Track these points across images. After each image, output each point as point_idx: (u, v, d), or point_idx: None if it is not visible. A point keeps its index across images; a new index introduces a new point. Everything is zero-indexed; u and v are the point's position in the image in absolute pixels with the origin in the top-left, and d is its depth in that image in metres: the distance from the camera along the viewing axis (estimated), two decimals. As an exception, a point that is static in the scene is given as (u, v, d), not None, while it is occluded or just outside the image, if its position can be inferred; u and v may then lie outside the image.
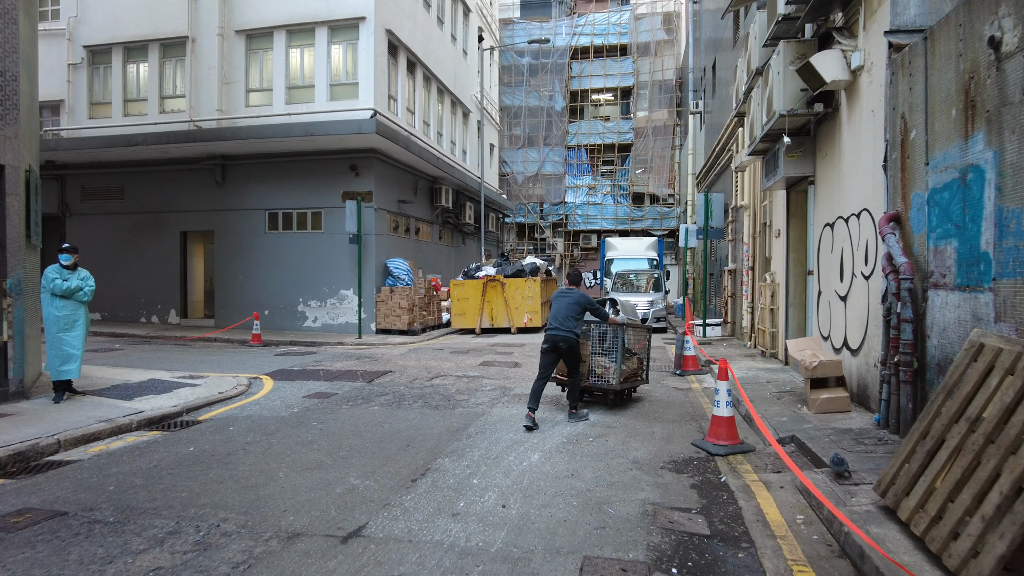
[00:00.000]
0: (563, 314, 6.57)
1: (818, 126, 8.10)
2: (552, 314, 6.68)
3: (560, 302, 6.69)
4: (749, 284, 12.27)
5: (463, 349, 13.10)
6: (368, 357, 11.85)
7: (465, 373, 9.78)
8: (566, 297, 6.73)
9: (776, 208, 10.45)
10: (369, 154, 16.07)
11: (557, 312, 6.62)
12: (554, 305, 6.72)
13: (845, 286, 6.97)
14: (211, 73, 16.90)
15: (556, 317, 6.60)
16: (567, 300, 6.68)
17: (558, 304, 6.67)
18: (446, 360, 11.31)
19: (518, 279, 16.98)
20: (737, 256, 14.46)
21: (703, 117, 22.24)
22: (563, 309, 6.60)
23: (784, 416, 6.38)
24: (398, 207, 17.70)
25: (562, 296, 6.77)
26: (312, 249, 16.66)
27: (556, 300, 6.75)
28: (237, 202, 17.15)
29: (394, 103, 17.63)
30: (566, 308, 6.60)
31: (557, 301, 6.72)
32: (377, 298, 16.17)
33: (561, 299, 6.72)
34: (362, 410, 7.17)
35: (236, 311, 16.96)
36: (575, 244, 33.38)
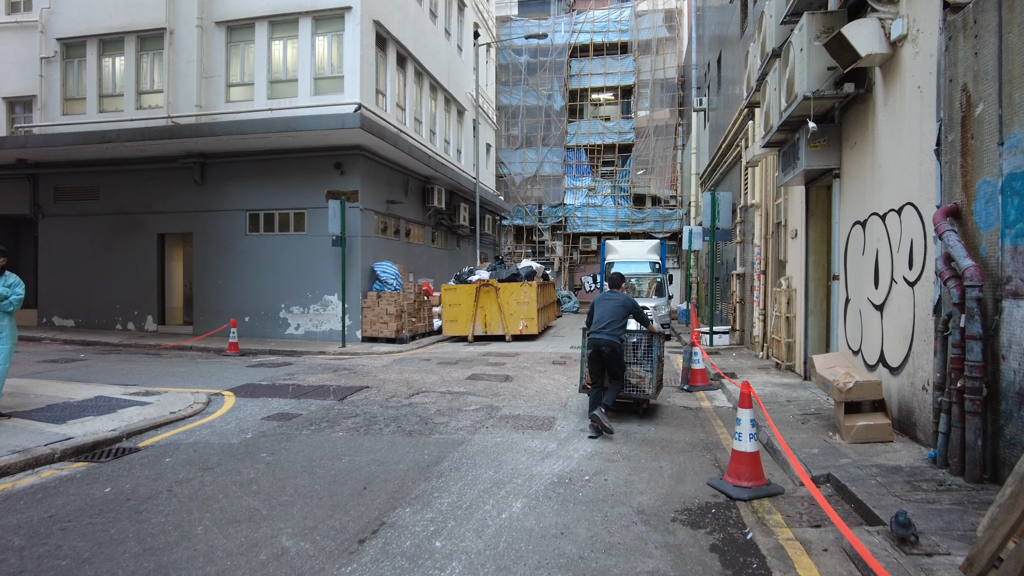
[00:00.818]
0: (607, 318, 6.29)
1: (844, 112, 7.17)
2: (596, 318, 6.37)
3: (604, 306, 6.40)
4: (761, 290, 11.32)
5: (452, 359, 12.15)
6: (347, 369, 10.91)
7: (449, 389, 8.83)
8: (610, 300, 6.45)
9: (792, 206, 9.51)
10: (355, 151, 15.15)
11: (601, 316, 6.33)
12: (597, 309, 6.43)
13: (881, 293, 6.03)
14: (190, 67, 16.02)
15: (600, 321, 6.31)
16: (612, 303, 6.40)
17: (602, 308, 6.39)
18: (431, 373, 10.37)
19: (513, 284, 16.04)
20: (746, 259, 13.52)
21: (707, 114, 21.32)
22: (607, 313, 6.33)
23: (814, 447, 5.43)
24: (387, 207, 16.78)
25: (606, 299, 6.48)
26: (295, 252, 15.73)
27: (600, 304, 6.47)
28: (216, 202, 16.23)
29: (382, 98, 16.73)
30: (611, 312, 6.32)
31: (601, 305, 6.44)
32: (363, 304, 15.23)
33: (605, 303, 6.43)
34: (323, 437, 6.23)
35: (215, 318, 16.02)
36: (574, 247, 32.45)
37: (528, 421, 6.85)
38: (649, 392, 6.88)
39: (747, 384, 4.75)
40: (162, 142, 15.03)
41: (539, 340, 16.17)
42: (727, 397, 8.33)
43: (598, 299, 6.61)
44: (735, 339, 13.93)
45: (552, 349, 14.09)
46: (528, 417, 7.04)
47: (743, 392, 4.68)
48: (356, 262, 15.26)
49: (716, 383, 9.14)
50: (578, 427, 6.60)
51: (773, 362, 10.30)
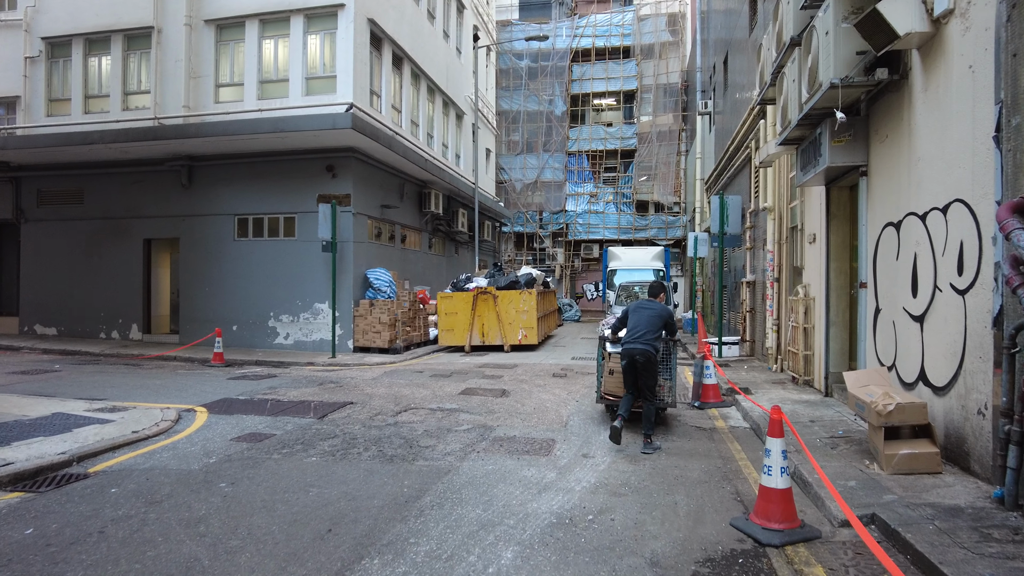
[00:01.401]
0: (643, 327, 6.13)
1: (872, 103, 6.53)
2: (630, 327, 6.21)
3: (640, 315, 6.25)
4: (774, 298, 10.65)
5: (446, 371, 11.47)
6: (334, 382, 10.23)
7: (441, 405, 8.15)
8: (647, 310, 6.29)
9: (810, 208, 8.85)
10: (347, 153, 14.55)
11: (637, 325, 6.18)
12: (633, 318, 6.27)
13: (921, 302, 5.36)
14: (178, 67, 15.46)
15: (635, 330, 6.15)
16: (649, 313, 6.25)
17: (638, 316, 6.24)
18: (422, 386, 9.68)
19: (512, 291, 15.38)
20: (757, 266, 12.85)
21: (712, 118, 20.73)
22: (644, 322, 6.17)
23: (850, 478, 4.74)
24: (381, 212, 16.15)
25: (643, 308, 6.33)
26: (284, 258, 15.09)
27: (635, 312, 6.31)
28: (204, 206, 15.62)
29: (377, 99, 16.15)
30: (647, 321, 6.17)
31: (637, 313, 6.29)
32: (355, 312, 14.57)
33: (641, 311, 6.28)
34: (294, 463, 5.55)
35: (202, 327, 15.37)
36: (576, 254, 31.80)
37: (524, 444, 6.17)
38: (669, 400, 6.78)
39: (778, 409, 4.07)
40: (147, 144, 14.45)
41: (539, 351, 15.49)
42: (742, 415, 7.64)
43: (633, 307, 6.43)
44: (745, 350, 13.24)
45: (552, 360, 13.40)
46: (524, 439, 6.35)
47: (774, 418, 4.00)
48: (348, 269, 14.62)
49: (729, 399, 8.44)
50: (580, 451, 5.92)
51: (789, 376, 9.60)
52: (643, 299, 6.60)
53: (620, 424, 5.88)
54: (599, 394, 7.07)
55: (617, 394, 6.75)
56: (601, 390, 7.01)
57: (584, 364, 12.71)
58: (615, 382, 6.78)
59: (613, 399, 6.83)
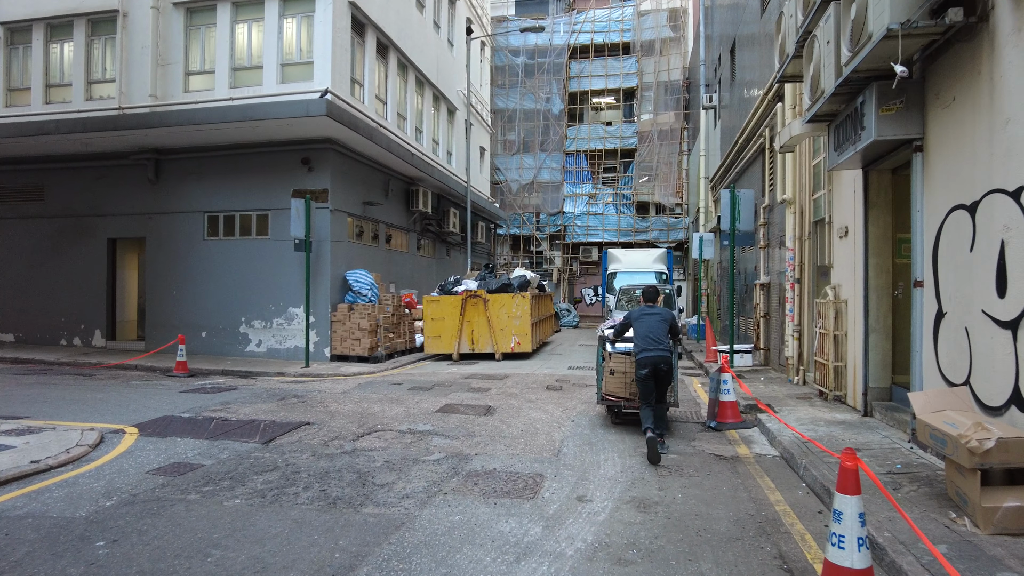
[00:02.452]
0: (656, 333, 6.08)
1: (931, 61, 5.37)
2: (641, 334, 6.10)
3: (647, 321, 6.16)
4: (795, 301, 9.47)
5: (427, 384, 10.27)
6: (297, 397, 9.02)
7: (412, 426, 6.94)
8: (652, 315, 6.22)
9: (841, 198, 7.68)
10: (324, 145, 13.39)
11: (648, 331, 6.08)
12: (640, 325, 6.17)
13: (1013, 304, 4.18)
14: (144, 53, 14.30)
15: (648, 337, 6.05)
16: (655, 318, 6.18)
17: (647, 323, 6.15)
18: (396, 402, 8.48)
19: (504, 295, 14.18)
20: (772, 266, 11.68)
21: (718, 112, 19.62)
22: (655, 328, 6.11)
23: (937, 539, 3.53)
24: (363, 210, 14.98)
25: (647, 315, 6.24)
26: (257, 259, 13.91)
27: (641, 320, 6.22)
28: (172, 204, 14.46)
29: (359, 88, 15.01)
30: (657, 326, 6.12)
31: (642, 321, 6.19)
32: (332, 318, 13.37)
33: (647, 318, 6.20)
34: (208, 509, 4.34)
35: (170, 332, 14.17)
36: (574, 257, 30.64)
37: (505, 481, 4.96)
38: (671, 400, 6.68)
39: (851, 453, 2.87)
40: (108, 135, 13.31)
41: (533, 359, 14.29)
42: (768, 439, 6.45)
43: (636, 314, 6.32)
44: (758, 359, 12.05)
45: (547, 370, 12.20)
46: (506, 474, 5.15)
47: (847, 466, 2.80)
48: (325, 270, 13.44)
49: (751, 418, 7.25)
50: (574, 492, 4.72)
51: (815, 390, 8.41)
52: (643, 305, 6.45)
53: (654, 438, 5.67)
54: (599, 395, 6.95)
55: (619, 395, 6.64)
56: (602, 391, 6.86)
57: (582, 375, 11.52)
58: (616, 383, 6.65)
59: (614, 400, 6.72)
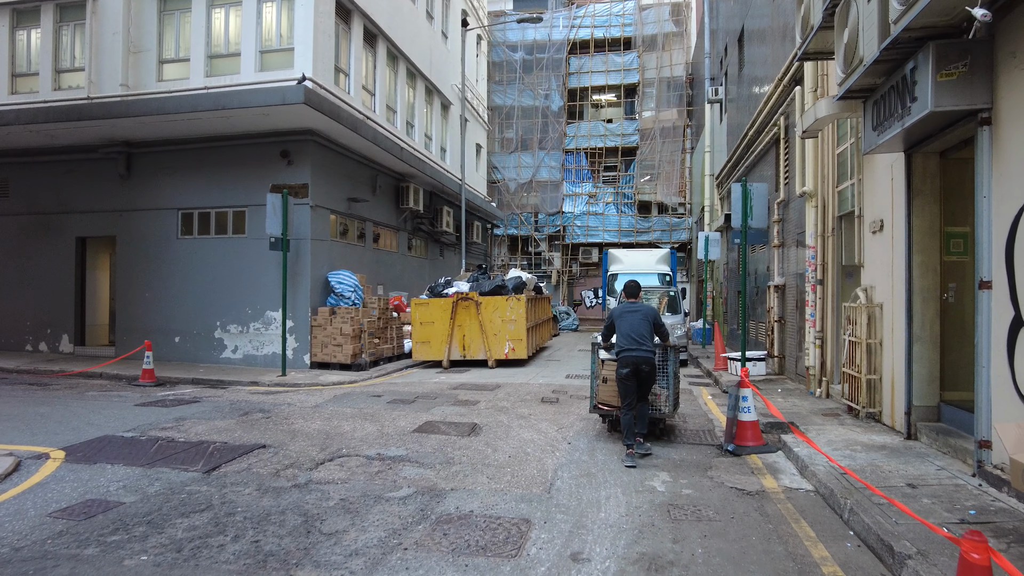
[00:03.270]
0: (638, 331, 5.84)
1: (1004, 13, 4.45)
2: (623, 332, 5.88)
3: (630, 319, 5.93)
4: (816, 305, 8.54)
5: (410, 396, 9.34)
6: (263, 412, 8.09)
7: (383, 450, 6.01)
8: (635, 312, 5.98)
9: (875, 187, 6.77)
10: (304, 136, 12.49)
11: (631, 330, 5.85)
12: (622, 323, 5.94)
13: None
14: (115, 40, 13.40)
15: (631, 336, 5.82)
16: (638, 315, 5.94)
17: (629, 321, 5.91)
18: (371, 419, 7.55)
19: (497, 297, 13.25)
20: (787, 267, 10.76)
21: (724, 106, 18.72)
22: (637, 325, 5.87)
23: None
24: (347, 206, 14.07)
25: (630, 312, 6.00)
26: (233, 259, 13.00)
27: (623, 317, 5.98)
28: (145, 200, 13.55)
29: (344, 78, 14.11)
30: (640, 324, 5.88)
31: (625, 318, 5.96)
32: (312, 322, 12.45)
33: (629, 315, 5.97)
34: (98, 573, 3.42)
35: (141, 337, 13.23)
36: (574, 259, 29.70)
37: (483, 531, 4.02)
38: (666, 411, 6.47)
39: (980, 543, 1.94)
40: (74, 126, 12.44)
41: (529, 366, 13.36)
42: (797, 467, 5.51)
43: (618, 312, 6.06)
44: (772, 367, 11.12)
45: (543, 379, 11.27)
46: (485, 519, 4.21)
47: (973, 563, 1.86)
48: (304, 271, 12.53)
49: (773, 438, 6.33)
50: (567, 546, 3.78)
51: (842, 405, 7.48)
52: (626, 302, 6.24)
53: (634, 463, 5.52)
54: (593, 403, 6.74)
55: (611, 403, 6.36)
56: (595, 399, 6.63)
57: (581, 384, 10.60)
58: (610, 391, 6.37)
59: (607, 409, 6.47)
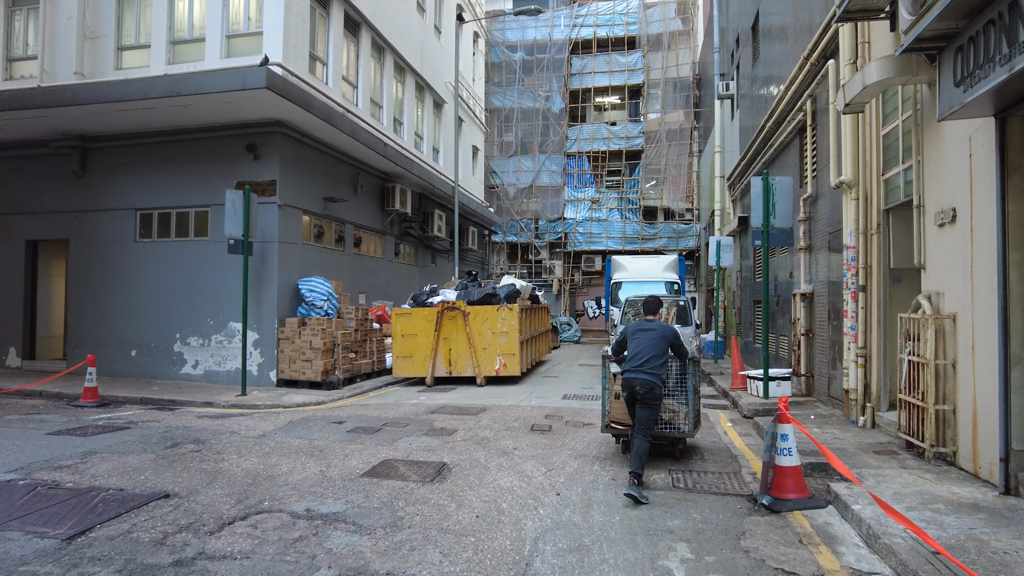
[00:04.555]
0: (647, 353, 5.23)
1: None
2: (631, 353, 5.33)
3: (641, 338, 5.36)
4: (858, 316, 7.15)
5: (376, 423, 7.96)
6: (197, 443, 6.75)
7: (315, 504, 4.65)
8: (648, 332, 5.40)
9: (942, 167, 5.41)
10: (272, 128, 11.24)
11: (639, 350, 5.29)
12: (632, 342, 5.40)
13: None
14: (70, 25, 12.21)
15: (638, 357, 5.24)
16: (651, 335, 5.35)
17: (639, 340, 5.37)
18: (318, 455, 6.18)
19: (487, 307, 11.90)
20: (816, 272, 9.37)
21: (735, 102, 17.43)
22: (646, 346, 5.27)
23: None
24: (323, 207, 12.78)
25: (643, 331, 5.43)
26: (195, 264, 11.72)
27: (636, 336, 5.42)
28: (100, 200, 12.32)
29: (322, 68, 12.88)
30: (650, 345, 5.28)
31: (637, 337, 5.41)
32: (279, 334, 11.13)
33: (642, 334, 5.39)
34: None
35: (95, 351, 11.91)
36: (576, 267, 28.35)
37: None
38: (685, 429, 5.96)
39: None
40: (17, 116, 11.24)
41: (522, 384, 11.97)
42: (861, 534, 4.11)
43: (632, 328, 5.63)
44: (798, 387, 9.72)
45: (536, 401, 9.88)
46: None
47: None
48: (271, 277, 11.22)
49: (819, 486, 4.93)
50: None
51: (898, 439, 6.08)
52: (641, 319, 5.75)
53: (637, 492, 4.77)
54: (604, 422, 6.23)
55: (625, 422, 5.81)
56: (607, 417, 6.12)
57: (580, 407, 9.20)
58: (622, 408, 5.77)
59: (621, 428, 5.90)
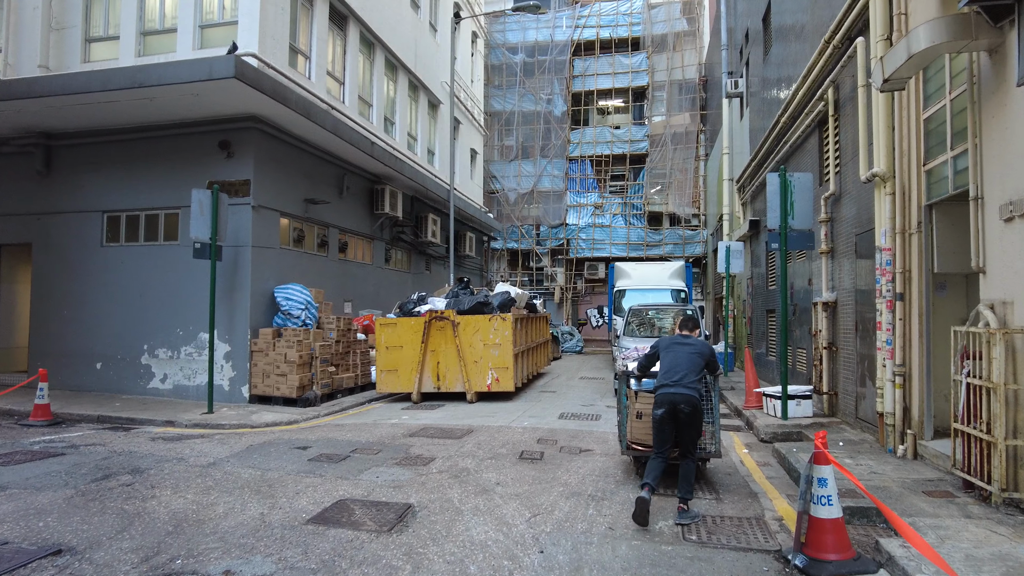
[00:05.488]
0: (684, 367, 4.95)
1: None
2: (666, 368, 5.02)
3: (676, 352, 5.08)
4: (895, 328, 6.20)
5: (345, 448, 7.03)
6: (132, 474, 5.84)
7: (237, 564, 3.73)
8: (685, 346, 5.13)
9: (1010, 151, 4.48)
10: (247, 124, 10.42)
11: (675, 365, 4.99)
12: (667, 356, 5.10)
13: None
14: (35, 16, 11.47)
15: (674, 371, 4.95)
16: (687, 350, 5.08)
17: (674, 355, 5.08)
18: (264, 491, 5.26)
19: (479, 317, 10.97)
20: (838, 278, 8.42)
21: (744, 100, 16.53)
22: (683, 361, 4.99)
23: None
24: (305, 209, 11.92)
25: (679, 345, 5.16)
26: (164, 270, 10.88)
27: (670, 350, 5.14)
28: (65, 201, 11.51)
29: (304, 61, 12.08)
30: (687, 360, 4.99)
31: (672, 351, 5.12)
32: (252, 346, 10.24)
33: (678, 348, 5.12)
34: None
35: (59, 363, 11.19)
36: (578, 274, 27.42)
37: None
38: (712, 449, 5.49)
39: None
40: (-25, 112, 10.42)
41: (516, 400, 11.02)
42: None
43: (665, 343, 5.23)
44: (820, 406, 8.74)
45: (529, 422, 8.91)
46: None
47: None
48: (244, 284, 10.36)
49: (866, 541, 3.98)
50: None
51: (950, 475, 5.12)
52: (677, 334, 5.37)
53: (649, 495, 4.45)
54: (624, 443, 5.78)
55: (647, 443, 5.38)
56: (627, 438, 5.67)
57: (577, 428, 8.25)
58: (644, 428, 5.38)
59: (642, 450, 5.48)
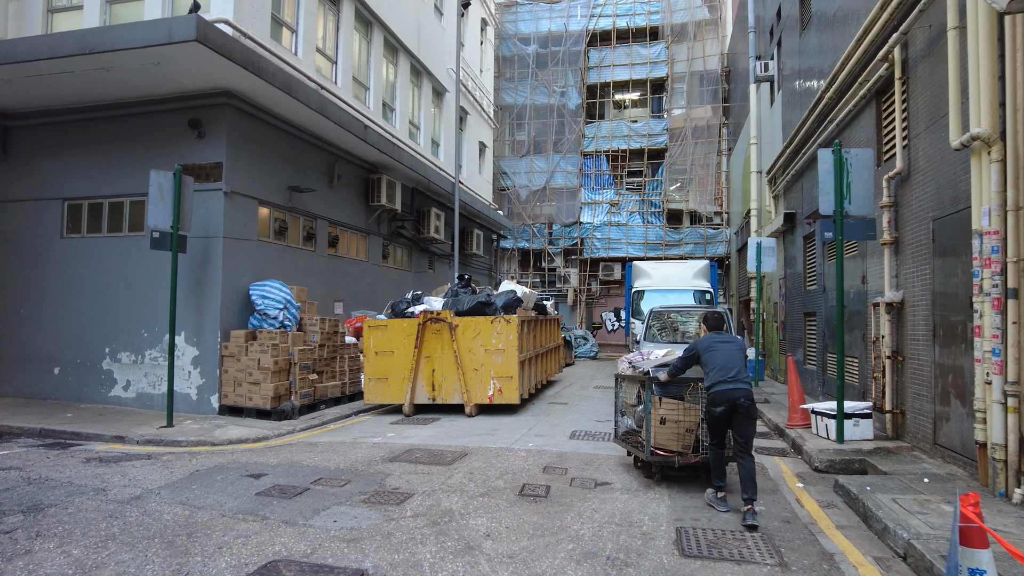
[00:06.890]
0: (737, 363, 4.99)
1: None
2: (719, 365, 4.99)
3: (723, 349, 5.07)
4: (1008, 335, 4.77)
5: (308, 478, 5.74)
6: (24, 513, 4.59)
7: None
8: (728, 343, 5.15)
9: None
10: (219, 100, 9.22)
11: (728, 361, 4.99)
12: (717, 354, 5.04)
13: None
14: (-4, -15, 10.40)
15: (728, 368, 4.96)
16: (731, 346, 5.11)
17: (723, 352, 5.05)
18: (182, 544, 3.99)
19: (479, 319, 9.64)
20: (905, 274, 6.97)
21: (776, 84, 15.09)
22: (734, 356, 5.03)
23: None
24: (288, 197, 10.70)
25: (722, 342, 5.15)
26: (127, 264, 9.70)
27: (714, 348, 5.10)
28: (22, 188, 10.40)
29: (290, 35, 10.89)
30: (737, 356, 5.05)
31: (717, 349, 5.08)
32: (223, 350, 9.01)
33: (723, 345, 5.11)
34: None
35: (14, 367, 10.08)
36: (593, 275, 26.03)
37: None
38: None
39: None
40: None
41: (522, 414, 9.66)
42: None
43: (706, 343, 5.15)
44: (883, 426, 7.30)
45: (536, 442, 7.54)
46: None
47: None
48: (214, 280, 9.14)
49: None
50: None
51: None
52: (710, 334, 5.24)
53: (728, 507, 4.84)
54: (649, 448, 5.47)
55: (671, 448, 5.41)
56: (651, 444, 5.43)
57: (591, 452, 6.87)
58: (668, 434, 5.39)
59: (665, 455, 5.41)
